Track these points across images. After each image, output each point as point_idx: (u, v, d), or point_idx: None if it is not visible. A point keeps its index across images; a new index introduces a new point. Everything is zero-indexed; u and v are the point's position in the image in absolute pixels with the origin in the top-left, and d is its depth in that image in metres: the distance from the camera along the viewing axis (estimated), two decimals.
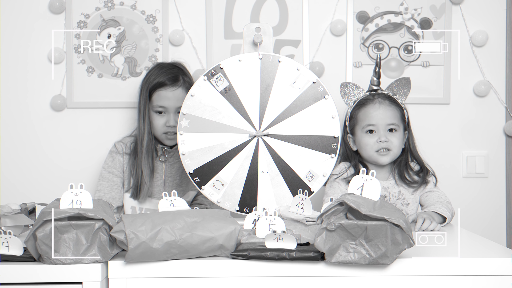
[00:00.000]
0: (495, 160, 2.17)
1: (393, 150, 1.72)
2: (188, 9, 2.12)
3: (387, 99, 1.73)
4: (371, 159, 1.74)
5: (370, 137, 1.72)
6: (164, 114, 1.87)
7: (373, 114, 1.71)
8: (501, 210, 2.17)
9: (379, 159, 1.72)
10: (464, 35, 2.13)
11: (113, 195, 1.88)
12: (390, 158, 1.73)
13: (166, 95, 1.85)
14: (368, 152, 1.73)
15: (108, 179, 1.89)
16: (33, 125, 2.13)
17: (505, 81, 2.15)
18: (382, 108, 1.71)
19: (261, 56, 1.62)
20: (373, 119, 1.71)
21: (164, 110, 1.87)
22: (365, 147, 1.72)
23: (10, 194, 2.09)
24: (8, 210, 1.46)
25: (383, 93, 1.75)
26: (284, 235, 1.21)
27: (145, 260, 1.18)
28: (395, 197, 1.75)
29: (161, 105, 1.86)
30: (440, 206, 1.67)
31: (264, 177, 1.61)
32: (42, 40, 2.10)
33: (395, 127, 1.72)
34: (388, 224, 1.15)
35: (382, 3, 2.12)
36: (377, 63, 1.75)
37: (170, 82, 1.86)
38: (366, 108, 1.73)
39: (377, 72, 1.76)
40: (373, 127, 1.71)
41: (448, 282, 1.20)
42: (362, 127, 1.72)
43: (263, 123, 1.61)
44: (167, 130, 1.87)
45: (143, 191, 1.86)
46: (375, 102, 1.72)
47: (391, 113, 1.72)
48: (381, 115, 1.71)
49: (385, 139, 1.70)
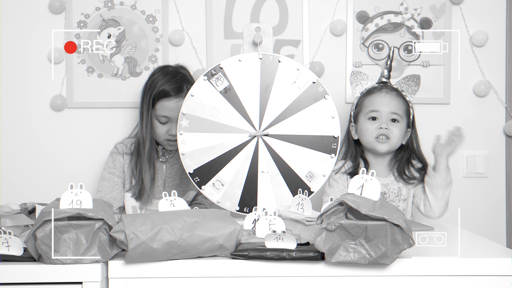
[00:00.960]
0: (495, 160, 2.17)
1: (392, 140, 1.73)
2: (188, 9, 2.12)
3: (394, 91, 1.77)
4: (369, 146, 1.75)
5: (372, 124, 1.74)
6: (167, 123, 1.87)
7: (378, 101, 1.74)
8: (501, 210, 2.17)
9: (377, 146, 1.73)
10: (464, 35, 2.13)
11: (114, 196, 1.89)
12: (388, 147, 1.73)
13: (170, 106, 1.85)
14: (368, 138, 1.74)
15: (109, 179, 1.89)
16: (33, 125, 2.13)
17: (505, 81, 2.15)
18: (388, 96, 1.74)
19: (261, 56, 1.62)
20: (377, 105, 1.74)
21: (167, 120, 1.87)
22: (365, 132, 1.74)
23: (10, 194, 2.09)
24: (8, 210, 1.46)
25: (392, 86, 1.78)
26: (284, 235, 1.21)
27: (145, 260, 1.18)
28: (394, 194, 1.76)
29: (164, 115, 1.86)
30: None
31: (264, 177, 1.61)
32: (42, 40, 2.10)
33: (398, 118, 1.74)
34: (388, 224, 1.15)
35: (382, 3, 2.13)
36: (389, 55, 1.77)
37: (174, 93, 1.85)
38: (372, 95, 1.76)
39: (389, 65, 1.78)
40: (376, 113, 1.73)
41: (448, 282, 1.20)
42: (366, 113, 1.75)
43: (263, 123, 1.61)
44: (169, 138, 1.88)
45: (144, 196, 1.87)
46: (382, 91, 1.76)
47: (396, 103, 1.74)
48: (386, 103, 1.73)
49: (385, 127, 1.72)
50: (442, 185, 1.69)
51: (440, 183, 1.69)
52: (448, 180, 1.70)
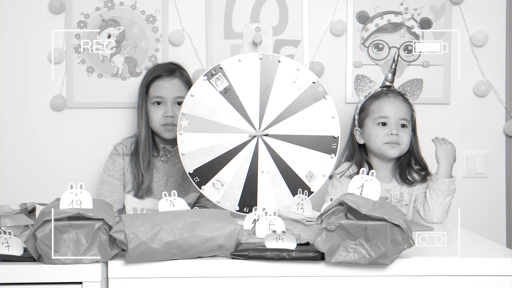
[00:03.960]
0: (495, 160, 2.17)
1: (402, 145, 1.74)
2: (188, 9, 2.12)
3: (400, 95, 1.77)
4: (379, 151, 1.75)
5: (382, 129, 1.74)
6: (161, 106, 1.88)
7: (387, 107, 1.74)
8: (501, 210, 2.17)
9: (387, 151, 1.74)
10: (464, 35, 2.13)
11: (114, 198, 1.89)
12: (398, 152, 1.75)
13: (163, 85, 1.87)
14: (378, 144, 1.74)
15: (108, 182, 1.89)
16: (33, 125, 2.13)
17: (505, 81, 2.15)
18: (396, 102, 1.75)
19: (261, 56, 1.62)
20: (387, 111, 1.74)
21: (161, 101, 1.87)
22: (375, 138, 1.74)
23: (10, 194, 2.09)
24: (8, 210, 1.46)
25: (396, 90, 1.79)
26: (284, 235, 1.21)
27: (145, 260, 1.18)
28: (396, 199, 1.76)
29: (158, 95, 1.87)
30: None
31: (264, 177, 1.61)
32: (42, 40, 2.11)
33: (406, 123, 1.75)
34: (388, 224, 1.15)
35: (382, 3, 2.13)
36: (394, 59, 1.76)
37: (166, 73, 1.89)
38: (380, 100, 1.76)
39: (393, 69, 1.78)
40: (386, 119, 1.73)
41: (448, 282, 1.20)
42: (375, 118, 1.74)
43: (263, 123, 1.61)
44: (165, 121, 1.87)
45: (143, 185, 1.86)
46: (390, 96, 1.76)
47: (404, 108, 1.75)
48: (395, 109, 1.74)
49: (396, 133, 1.73)
50: (443, 190, 1.69)
51: (441, 188, 1.69)
52: (450, 188, 1.70)
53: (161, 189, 1.90)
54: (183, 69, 1.94)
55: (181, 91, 1.89)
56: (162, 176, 1.91)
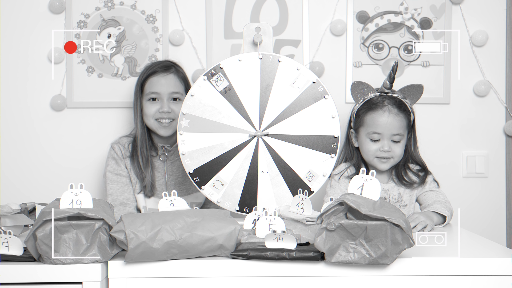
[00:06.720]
0: (495, 160, 2.17)
1: (394, 158, 1.73)
2: (188, 9, 2.12)
3: (396, 107, 1.72)
4: (371, 163, 1.75)
5: (373, 144, 1.72)
6: (157, 102, 1.87)
7: (380, 123, 1.70)
8: (501, 210, 2.17)
9: (378, 165, 1.73)
10: (464, 35, 2.13)
11: (127, 196, 1.87)
12: (390, 165, 1.74)
13: (158, 81, 1.87)
14: (369, 157, 1.74)
15: (117, 181, 1.88)
16: (33, 125, 2.13)
17: (505, 81, 2.15)
18: (390, 117, 1.70)
19: (261, 56, 1.62)
20: (379, 127, 1.70)
21: (157, 97, 1.87)
22: (367, 152, 1.73)
23: (10, 194, 2.09)
24: (8, 210, 1.46)
25: (393, 96, 1.74)
26: (284, 235, 1.21)
27: (145, 260, 1.18)
28: (395, 200, 1.76)
29: (153, 91, 1.87)
30: (439, 205, 1.66)
31: (264, 177, 1.61)
32: (42, 40, 2.10)
33: (400, 138, 1.72)
34: (388, 224, 1.15)
35: (382, 3, 2.12)
36: (393, 68, 1.72)
37: (161, 69, 1.89)
38: (374, 114, 1.71)
39: (392, 77, 1.74)
40: (378, 135, 1.71)
41: (448, 282, 1.20)
42: (368, 132, 1.72)
43: (263, 123, 1.61)
44: (160, 116, 1.86)
45: (145, 182, 1.86)
46: (385, 110, 1.71)
47: (398, 123, 1.71)
48: (388, 125, 1.70)
49: (388, 149, 1.71)
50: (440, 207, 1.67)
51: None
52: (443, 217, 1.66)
53: (162, 189, 1.89)
54: (178, 65, 1.94)
55: (177, 86, 1.89)
56: (162, 175, 1.91)
